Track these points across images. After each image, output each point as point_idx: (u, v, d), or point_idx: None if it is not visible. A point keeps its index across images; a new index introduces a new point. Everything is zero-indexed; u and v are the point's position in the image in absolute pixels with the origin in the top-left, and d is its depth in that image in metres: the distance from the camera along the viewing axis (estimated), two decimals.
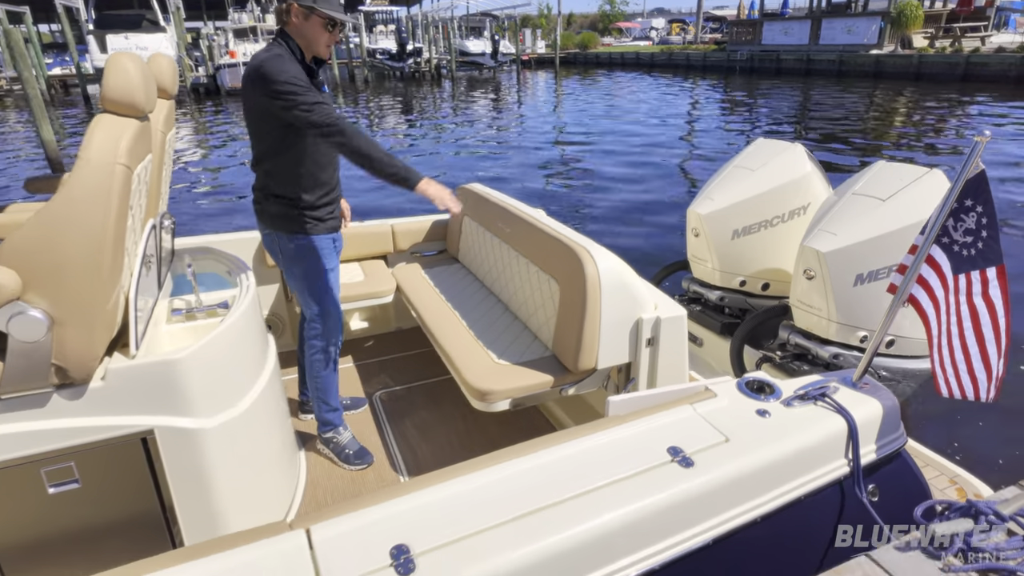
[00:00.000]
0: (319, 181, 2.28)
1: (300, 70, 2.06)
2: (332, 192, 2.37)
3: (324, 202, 2.33)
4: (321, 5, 2.07)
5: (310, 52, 2.18)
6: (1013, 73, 20.88)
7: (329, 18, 2.09)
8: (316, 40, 2.13)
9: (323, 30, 2.12)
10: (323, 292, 2.41)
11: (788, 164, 3.36)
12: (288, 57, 2.09)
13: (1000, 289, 1.56)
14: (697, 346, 3.78)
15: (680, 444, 1.55)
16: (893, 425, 1.78)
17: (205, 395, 1.82)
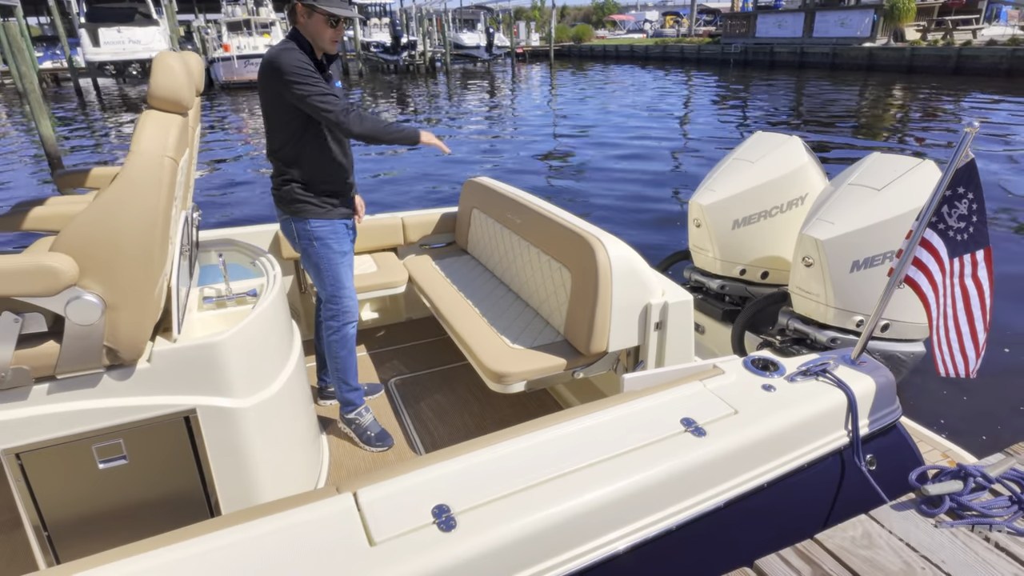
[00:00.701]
0: (332, 169, 2.44)
1: (309, 62, 2.21)
2: (346, 180, 2.53)
3: (338, 189, 2.49)
4: (320, 2, 2.18)
5: (317, 48, 2.30)
6: (1004, 66, 21.08)
7: (328, 14, 2.20)
8: (320, 36, 2.25)
9: (326, 26, 2.23)
10: (337, 274, 2.55)
11: (786, 156, 3.48)
12: (298, 51, 2.23)
13: (987, 270, 1.68)
14: (699, 333, 3.90)
15: (692, 416, 1.67)
16: (889, 399, 1.91)
17: (242, 377, 1.93)
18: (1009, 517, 1.44)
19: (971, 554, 1.38)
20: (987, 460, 1.63)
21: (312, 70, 2.21)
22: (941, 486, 1.49)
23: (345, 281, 2.58)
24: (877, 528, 1.46)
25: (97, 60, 26.44)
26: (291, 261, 3.51)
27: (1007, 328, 4.83)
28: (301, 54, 2.22)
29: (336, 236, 2.53)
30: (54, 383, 1.68)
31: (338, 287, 2.57)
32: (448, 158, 12.45)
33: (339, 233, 2.53)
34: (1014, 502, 1.47)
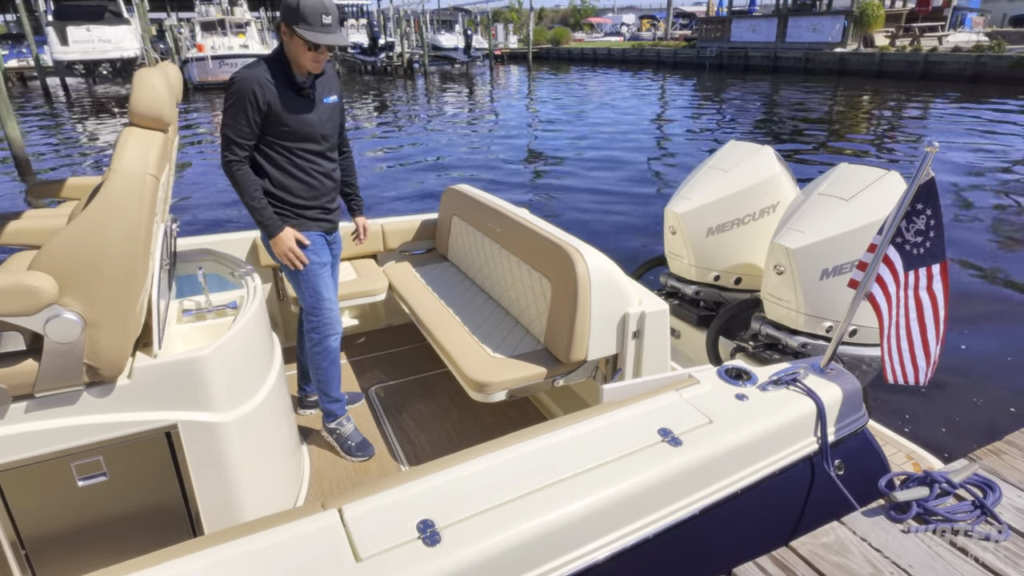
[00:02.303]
0: (296, 183, 2.43)
1: (263, 86, 2.22)
2: (321, 197, 2.52)
3: (312, 204, 2.49)
4: (301, 28, 2.18)
5: (302, 68, 2.31)
6: (968, 72, 21.71)
7: (306, 41, 2.20)
8: (300, 58, 2.26)
9: (304, 50, 2.23)
10: (314, 285, 2.53)
11: (758, 165, 3.57)
12: (262, 67, 2.25)
13: (942, 283, 1.76)
14: (675, 338, 3.98)
15: (669, 426, 1.72)
16: (856, 406, 1.98)
17: (223, 391, 1.93)
18: (972, 521, 1.51)
19: (937, 558, 1.45)
20: (952, 466, 1.71)
21: (244, 100, 2.21)
22: (908, 492, 1.56)
23: (324, 292, 2.57)
24: (848, 534, 1.53)
25: (65, 59, 25.85)
26: (269, 269, 3.50)
27: (965, 328, 5.00)
28: (263, 72, 2.24)
29: (312, 247, 2.52)
30: (32, 401, 1.67)
31: (317, 299, 2.56)
32: (425, 161, 12.44)
33: (315, 244, 2.53)
34: (976, 506, 1.54)
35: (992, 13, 38.15)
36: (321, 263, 2.55)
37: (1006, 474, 1.64)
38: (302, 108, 2.34)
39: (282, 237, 2.40)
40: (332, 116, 2.49)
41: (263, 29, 31.59)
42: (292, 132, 2.34)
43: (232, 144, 2.27)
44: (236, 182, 2.31)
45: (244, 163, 2.31)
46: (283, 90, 2.27)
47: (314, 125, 2.39)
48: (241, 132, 2.27)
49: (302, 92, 2.33)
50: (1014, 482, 1.61)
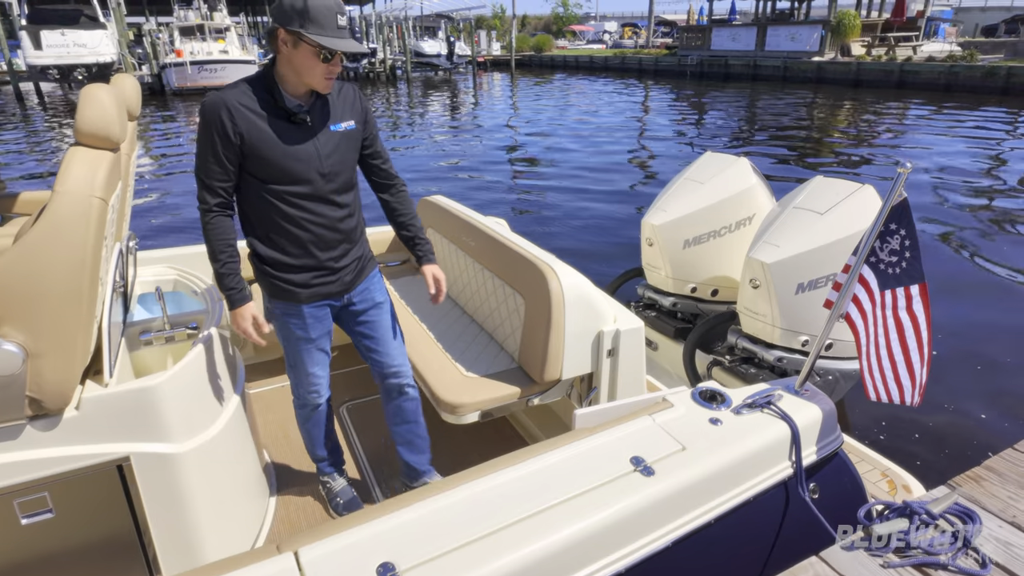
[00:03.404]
0: (291, 241, 1.93)
1: (235, 107, 1.76)
2: (322, 254, 1.98)
3: (307, 264, 1.98)
4: (310, 31, 1.69)
5: (303, 85, 1.82)
6: (942, 81, 22.12)
7: (319, 47, 1.71)
8: (308, 71, 1.76)
9: (316, 60, 1.74)
10: (294, 357, 2.17)
11: (734, 177, 3.56)
12: (239, 88, 1.80)
13: (923, 305, 1.74)
14: (652, 350, 3.95)
15: (641, 454, 1.67)
16: (831, 427, 1.95)
17: (180, 419, 1.85)
18: (953, 555, 1.48)
19: None
20: (932, 493, 1.68)
21: (211, 130, 1.76)
22: (888, 525, 1.52)
23: (307, 367, 2.17)
24: (827, 570, 1.48)
25: (39, 64, 25.36)
26: None
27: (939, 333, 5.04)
28: (238, 94, 1.78)
29: (294, 323, 2.06)
30: None
31: (297, 371, 2.20)
32: (407, 165, 12.36)
33: (304, 319, 2.06)
34: (957, 538, 1.51)
35: (964, 23, 39.06)
36: (307, 339, 2.11)
37: (986, 502, 1.61)
38: (292, 139, 1.82)
39: (236, 314, 1.94)
40: (340, 148, 1.93)
41: (243, 34, 31.30)
42: (277, 172, 1.83)
43: (201, 187, 1.84)
44: (204, 234, 1.88)
45: (215, 213, 1.85)
46: (265, 116, 1.79)
47: (307, 161, 1.85)
48: (209, 172, 1.81)
49: (293, 118, 1.83)
50: (994, 511, 1.58)
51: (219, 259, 1.89)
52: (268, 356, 3.60)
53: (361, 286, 2.17)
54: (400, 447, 2.44)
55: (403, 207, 2.21)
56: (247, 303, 1.95)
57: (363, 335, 2.23)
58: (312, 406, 2.31)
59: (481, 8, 46.11)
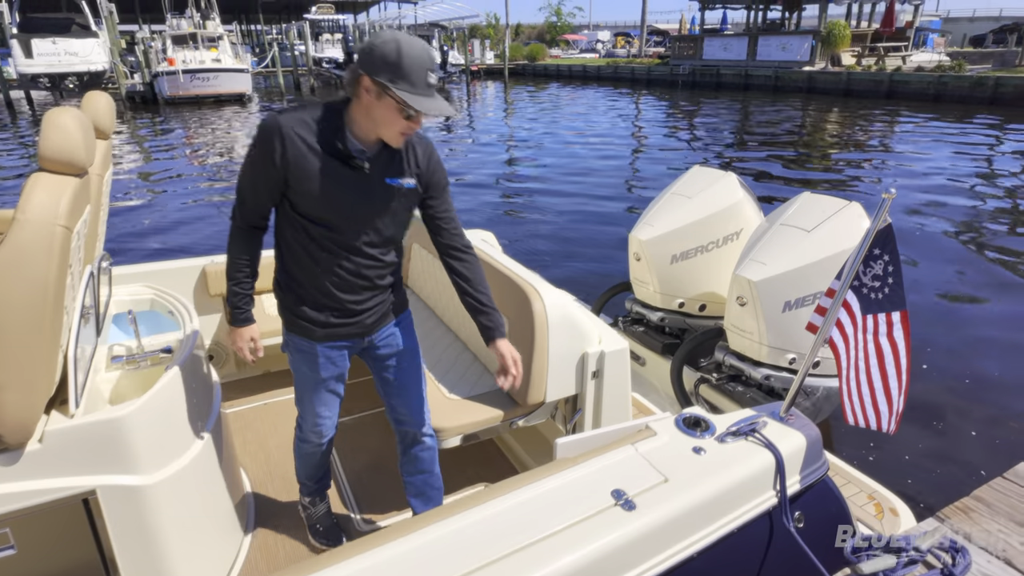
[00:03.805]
0: (311, 276, 1.84)
1: (291, 134, 1.65)
2: (340, 295, 1.87)
3: (321, 303, 1.87)
4: (399, 86, 1.58)
5: (374, 134, 1.70)
6: (931, 91, 22.30)
7: (405, 105, 1.60)
8: (386, 125, 1.66)
9: (398, 116, 1.63)
10: (301, 397, 2.10)
11: (722, 192, 3.54)
12: (304, 113, 1.68)
13: (903, 332, 1.71)
14: (640, 365, 3.92)
15: (623, 486, 1.63)
16: (816, 454, 1.91)
17: (149, 450, 1.79)
18: None
19: None
20: (920, 527, 1.64)
21: (260, 150, 1.67)
22: (875, 563, 1.49)
23: (308, 404, 2.09)
24: None
25: (30, 72, 25.29)
26: (219, 298, 3.36)
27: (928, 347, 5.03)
28: (300, 119, 1.66)
29: (307, 359, 1.97)
30: None
31: (299, 404, 2.13)
32: None
33: (315, 356, 1.96)
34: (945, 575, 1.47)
35: (952, 34, 39.48)
36: (317, 378, 2.00)
37: (975, 536, 1.57)
38: (341, 182, 1.70)
39: (235, 332, 1.93)
40: (390, 204, 1.79)
41: (237, 43, 31.28)
42: (315, 211, 1.73)
43: (238, 201, 1.79)
44: (228, 247, 1.85)
45: (243, 229, 1.81)
46: (319, 152, 1.67)
47: (349, 209, 1.74)
48: (247, 190, 1.74)
49: (351, 162, 1.70)
50: (984, 544, 1.54)
51: (234, 276, 1.87)
52: (250, 373, 3.55)
53: (385, 330, 2.04)
54: (412, 498, 2.34)
55: (469, 274, 1.97)
56: (249, 325, 1.94)
57: (383, 380, 2.14)
58: (313, 444, 2.21)
59: (475, 17, 46.29)
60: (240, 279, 1.87)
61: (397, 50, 1.57)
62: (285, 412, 3.21)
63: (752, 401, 3.13)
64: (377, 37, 1.61)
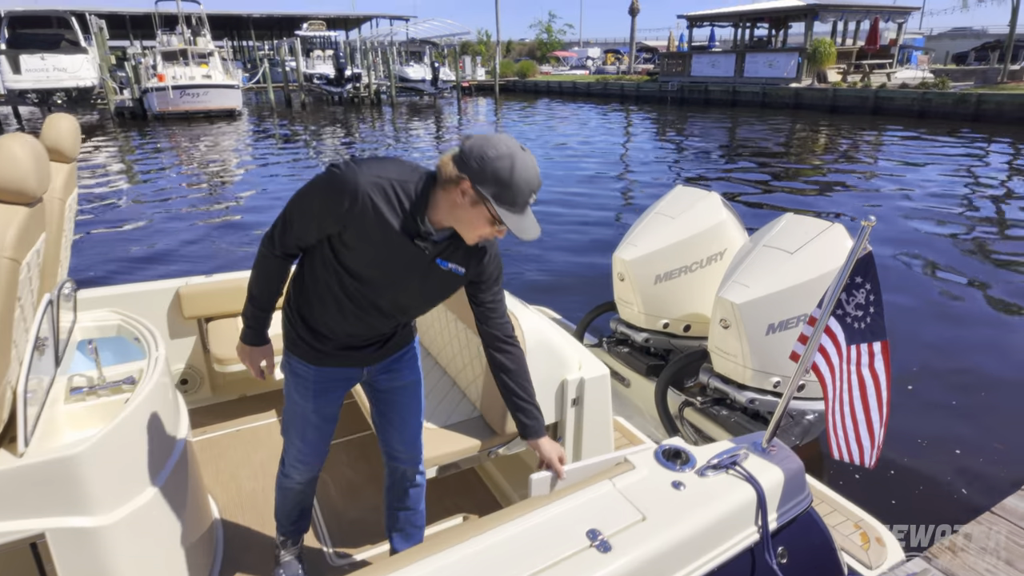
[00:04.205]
0: (325, 318, 1.79)
1: (367, 206, 1.54)
2: (338, 340, 1.83)
3: (322, 331, 1.82)
4: (500, 203, 1.50)
5: (449, 225, 1.62)
6: (916, 108, 22.61)
7: (498, 220, 1.54)
8: (470, 228, 1.59)
9: (485, 223, 1.57)
10: (288, 427, 2.02)
11: (705, 212, 3.51)
12: (387, 184, 1.55)
13: (884, 363, 1.66)
14: (625, 387, 3.86)
15: (599, 526, 1.56)
16: (799, 487, 1.86)
17: (105, 489, 1.71)
18: None
19: None
20: (907, 567, 1.59)
21: (323, 204, 1.56)
22: None
23: (294, 434, 2.00)
24: None
25: (18, 88, 25.21)
26: (193, 321, 3.27)
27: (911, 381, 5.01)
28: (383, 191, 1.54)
29: (306, 383, 1.89)
30: None
31: (285, 435, 2.05)
32: None
33: (310, 380, 1.88)
34: None
35: (936, 51, 40.19)
36: (308, 406, 1.92)
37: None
38: (395, 253, 1.62)
39: (249, 349, 1.85)
40: (434, 285, 1.75)
41: (227, 59, 31.34)
42: (357, 269, 1.66)
43: (279, 231, 1.68)
44: (255, 266, 1.77)
45: (278, 258, 1.73)
46: (388, 222, 1.57)
47: (393, 281, 1.68)
48: (292, 223, 1.64)
49: (415, 240, 1.61)
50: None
51: (258, 301, 1.79)
52: (224, 397, 3.46)
53: (386, 362, 1.97)
54: (392, 533, 2.25)
55: (513, 367, 1.89)
56: (266, 344, 1.87)
57: (382, 413, 2.07)
58: (294, 480, 2.08)
59: (465, 34, 46.65)
60: (263, 305, 1.81)
61: (511, 168, 1.48)
62: (259, 439, 3.12)
63: (737, 425, 3.07)
64: (492, 147, 1.49)
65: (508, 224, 1.52)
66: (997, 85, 23.16)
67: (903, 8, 29.99)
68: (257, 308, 1.81)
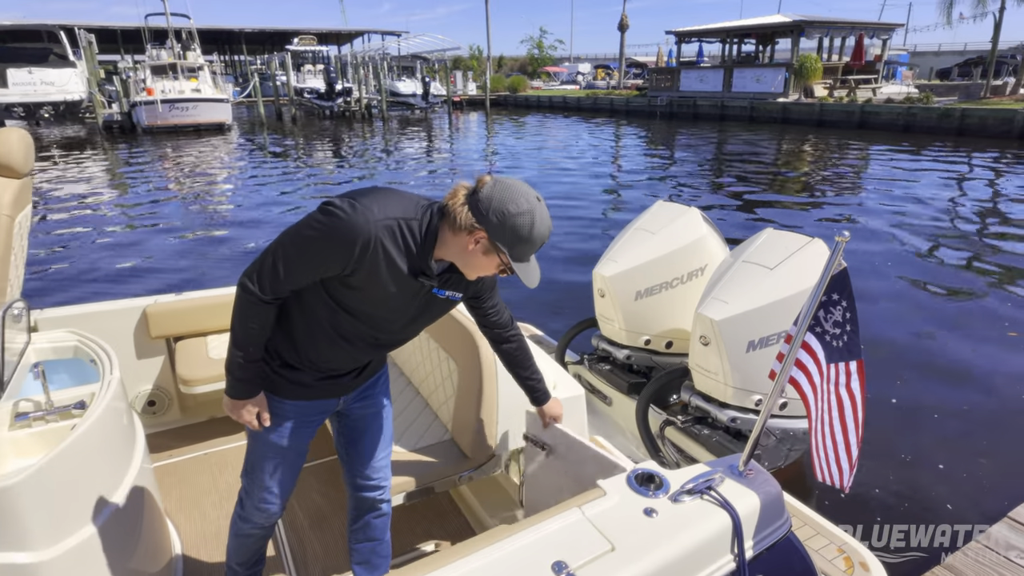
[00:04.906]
0: (309, 352, 1.70)
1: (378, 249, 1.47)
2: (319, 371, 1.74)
3: (304, 368, 1.73)
4: (514, 256, 1.50)
5: (451, 259, 1.58)
6: (901, 122, 22.89)
7: (510, 271, 1.55)
8: (475, 268, 1.57)
9: (492, 266, 1.56)
10: (252, 467, 1.85)
11: (685, 227, 3.46)
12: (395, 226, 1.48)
13: (860, 383, 1.61)
14: (606, 405, 3.78)
15: (565, 557, 1.48)
16: (777, 512, 1.78)
17: (43, 522, 1.61)
18: None
19: None
20: None
21: (331, 251, 1.46)
22: None
23: (258, 475, 1.83)
24: None
25: (4, 101, 25.15)
26: (161, 340, 3.17)
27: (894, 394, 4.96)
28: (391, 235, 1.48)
29: (277, 418, 1.75)
30: None
31: (247, 476, 1.87)
32: None
33: (282, 414, 1.76)
34: None
35: (920, 67, 40.83)
36: (277, 444, 1.78)
37: None
38: (399, 292, 1.57)
39: (241, 406, 1.68)
40: (429, 314, 1.73)
41: (218, 73, 31.34)
42: (359, 309, 1.61)
43: (270, 278, 1.53)
44: (239, 315, 1.59)
45: (268, 303, 1.58)
46: (396, 267, 1.52)
47: (392, 318, 1.64)
48: (288, 268, 1.51)
49: (417, 276, 1.57)
50: None
51: (246, 350, 1.62)
52: (193, 419, 3.35)
53: (362, 389, 1.89)
54: (356, 565, 2.14)
55: (524, 356, 1.97)
56: (258, 395, 1.70)
57: (350, 442, 1.96)
58: (254, 524, 1.91)
59: (456, 49, 46.94)
60: (251, 351, 1.63)
61: (531, 226, 1.46)
62: (227, 461, 3.02)
63: (719, 445, 3.00)
64: (513, 202, 1.45)
65: (520, 274, 1.51)
66: (980, 100, 23.50)
67: (887, 24, 30.48)
68: (248, 360, 1.64)
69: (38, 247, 9.27)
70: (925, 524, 3.19)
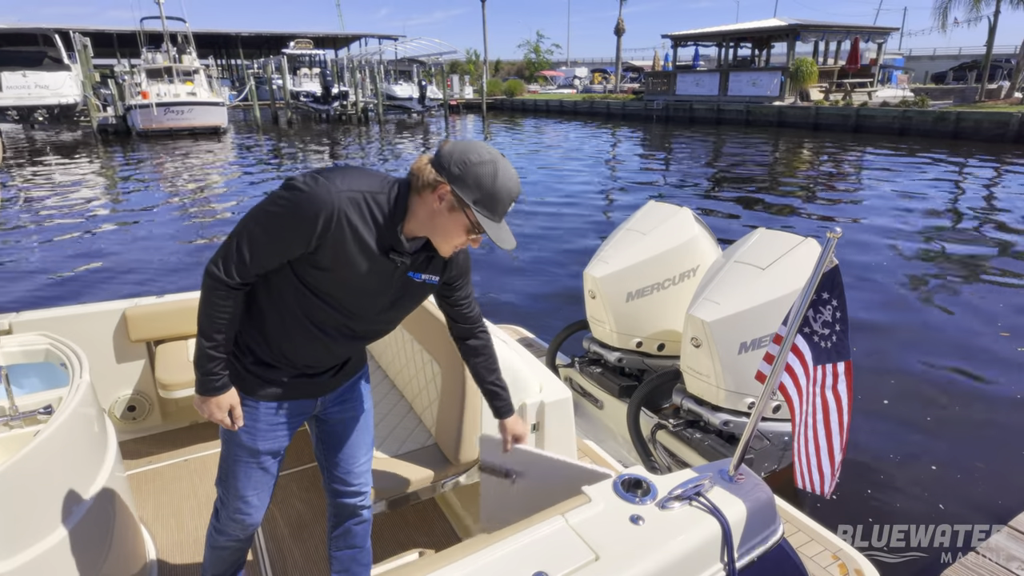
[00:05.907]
0: (282, 344, 1.63)
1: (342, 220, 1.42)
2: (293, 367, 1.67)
3: (276, 366, 1.66)
4: (479, 208, 1.44)
5: (423, 234, 1.53)
6: (896, 126, 22.92)
7: (477, 227, 1.47)
8: (446, 236, 1.50)
9: (462, 230, 1.49)
10: (226, 475, 1.76)
11: (676, 228, 3.41)
12: (359, 198, 1.44)
13: (847, 384, 1.55)
14: (598, 408, 3.72)
15: (547, 567, 1.42)
16: (769, 518, 1.72)
17: (4, 531, 1.54)
18: None
19: None
20: None
21: (295, 227, 1.41)
22: None
23: (232, 484, 1.75)
24: None
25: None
26: (142, 344, 3.10)
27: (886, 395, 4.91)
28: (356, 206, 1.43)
29: (250, 424, 1.67)
30: None
31: (221, 485, 1.78)
32: None
33: (256, 418, 1.67)
34: None
35: (915, 71, 40.98)
36: (251, 448, 1.70)
37: None
38: (370, 273, 1.51)
39: (211, 402, 1.59)
40: (406, 299, 1.65)
41: (213, 76, 31.28)
42: (323, 286, 1.53)
43: (236, 261, 1.47)
44: (206, 304, 1.52)
45: (233, 289, 1.50)
46: (363, 242, 1.46)
47: (361, 296, 1.56)
48: (254, 250, 1.45)
49: (390, 254, 1.52)
50: None
51: (212, 339, 1.54)
52: (175, 424, 3.27)
53: (340, 391, 1.82)
54: (336, 574, 2.05)
55: (490, 360, 1.88)
56: (228, 391, 1.61)
57: (329, 446, 1.88)
58: (230, 536, 1.83)
59: (453, 53, 46.96)
60: (220, 342, 1.56)
61: (494, 174, 1.43)
62: (207, 468, 2.94)
63: (711, 449, 2.94)
64: (474, 152, 1.43)
65: (488, 231, 1.45)
66: (975, 103, 23.55)
67: (883, 28, 30.57)
68: (217, 352, 1.56)
69: (26, 251, 9.19)
70: (925, 524, 3.15)
